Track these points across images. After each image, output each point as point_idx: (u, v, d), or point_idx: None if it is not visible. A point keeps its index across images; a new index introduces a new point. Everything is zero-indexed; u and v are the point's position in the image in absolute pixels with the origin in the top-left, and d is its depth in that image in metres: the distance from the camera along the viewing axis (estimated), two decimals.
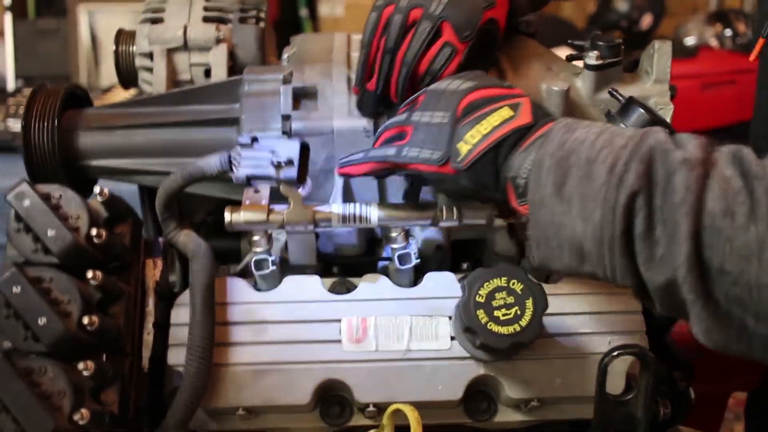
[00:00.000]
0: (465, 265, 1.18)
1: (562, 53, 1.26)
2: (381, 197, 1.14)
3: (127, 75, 1.41)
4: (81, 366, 0.93)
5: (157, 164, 1.21)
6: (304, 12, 4.93)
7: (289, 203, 1.04)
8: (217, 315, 1.03)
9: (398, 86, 1.05)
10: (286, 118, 1.14)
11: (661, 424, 1.09)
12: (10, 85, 4.39)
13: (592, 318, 1.05)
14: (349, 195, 1.14)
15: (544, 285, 0.99)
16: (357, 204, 1.05)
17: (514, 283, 0.96)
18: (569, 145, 0.85)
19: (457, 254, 1.19)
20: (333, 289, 1.09)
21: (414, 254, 1.06)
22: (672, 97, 1.18)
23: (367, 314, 1.04)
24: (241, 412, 1.03)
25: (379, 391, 1.02)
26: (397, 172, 1.00)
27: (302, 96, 1.16)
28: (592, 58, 1.15)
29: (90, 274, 0.97)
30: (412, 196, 1.06)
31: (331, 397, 1.05)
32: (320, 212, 1.04)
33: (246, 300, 1.06)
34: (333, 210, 1.05)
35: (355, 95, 1.13)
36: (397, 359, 1.03)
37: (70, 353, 0.94)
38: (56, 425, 0.90)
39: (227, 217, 1.04)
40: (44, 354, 0.94)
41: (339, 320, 1.04)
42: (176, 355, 1.03)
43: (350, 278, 1.11)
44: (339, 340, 1.04)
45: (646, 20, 4.31)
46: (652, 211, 0.78)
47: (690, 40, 4.14)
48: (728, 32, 4.03)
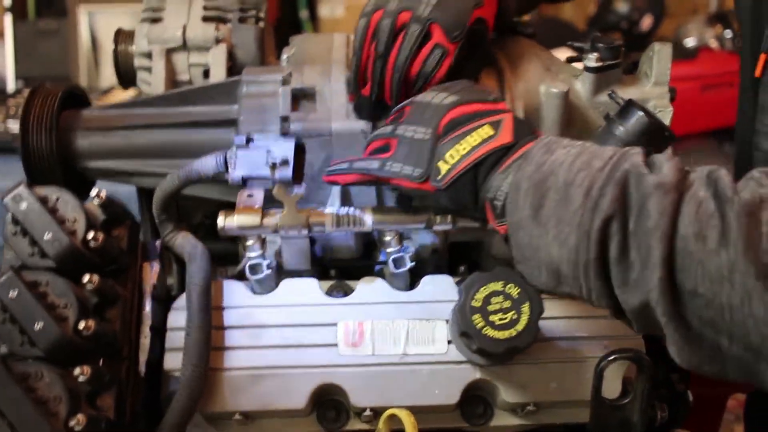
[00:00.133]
0: (462, 268, 1.18)
1: (562, 55, 1.25)
2: (378, 200, 1.14)
3: (126, 75, 1.41)
4: (77, 371, 0.93)
5: (156, 166, 1.20)
6: (304, 13, 4.91)
7: (282, 207, 1.03)
8: (214, 318, 1.03)
9: (392, 91, 1.05)
10: (284, 119, 1.13)
11: (659, 428, 1.08)
12: (10, 85, 4.37)
13: (589, 322, 1.05)
14: (346, 197, 1.14)
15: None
16: (351, 208, 1.05)
17: (510, 288, 0.95)
18: (547, 167, 0.85)
19: (455, 257, 1.19)
20: (330, 292, 1.09)
21: (409, 257, 1.06)
22: (671, 100, 1.18)
23: (363, 318, 1.04)
24: (237, 416, 1.03)
25: (376, 395, 1.02)
26: (381, 185, 1.01)
27: (301, 97, 1.16)
28: (591, 60, 1.15)
29: (86, 278, 0.97)
30: (404, 202, 1.05)
31: (328, 402, 1.05)
32: (314, 216, 1.04)
33: (242, 303, 1.06)
34: (327, 214, 1.04)
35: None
36: (394, 363, 1.03)
37: (66, 358, 0.94)
38: (52, 431, 0.90)
39: (220, 222, 1.04)
40: (40, 359, 0.94)
41: (335, 324, 1.04)
42: (173, 360, 1.02)
43: (347, 281, 1.11)
44: (335, 344, 1.03)
45: (647, 22, 4.30)
46: (626, 236, 0.78)
47: (690, 42, 4.13)
48: (728, 33, 4.01)
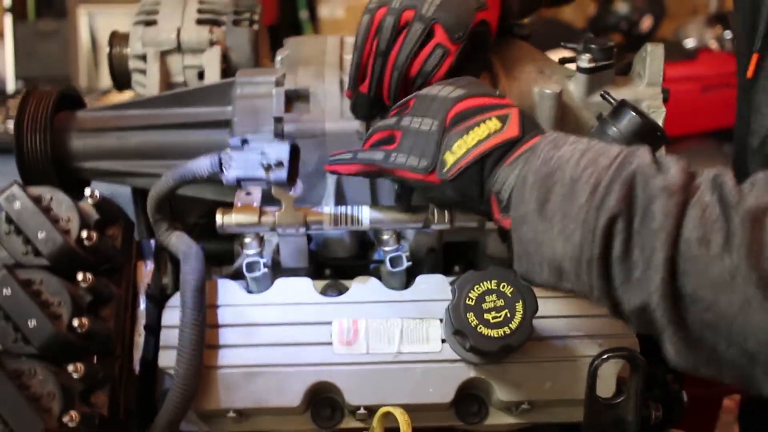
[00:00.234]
0: (457, 268, 1.18)
1: (561, 55, 1.25)
2: (373, 199, 1.14)
3: (121, 77, 1.41)
4: (71, 368, 0.93)
5: (150, 166, 1.21)
6: (304, 14, 4.91)
7: (280, 205, 1.04)
8: (208, 317, 1.03)
9: (390, 89, 1.04)
10: (278, 120, 1.14)
11: (654, 427, 1.08)
12: (10, 86, 4.38)
13: (583, 321, 1.05)
14: (341, 197, 1.14)
15: (535, 288, 0.99)
16: (348, 206, 1.05)
17: (504, 286, 0.96)
18: (554, 162, 0.85)
19: (450, 256, 1.19)
20: (325, 291, 1.09)
21: (406, 257, 1.06)
22: (665, 100, 1.18)
23: (358, 317, 1.04)
24: (231, 414, 1.03)
25: (370, 393, 1.02)
26: (384, 176, 1.00)
27: (295, 98, 1.16)
28: (584, 61, 1.15)
29: (80, 276, 0.97)
30: (404, 200, 1.05)
31: (322, 400, 1.05)
32: (311, 214, 1.04)
33: (237, 302, 1.06)
34: (324, 212, 1.04)
35: (347, 98, 1.12)
36: (388, 362, 1.03)
37: (60, 355, 0.95)
38: (45, 427, 0.90)
39: (219, 220, 1.04)
40: (34, 356, 0.94)
41: (330, 323, 1.04)
42: (167, 358, 1.02)
43: (342, 281, 1.11)
44: (330, 343, 1.03)
45: (646, 22, 4.29)
46: (630, 236, 0.78)
47: (690, 42, 4.13)
48: (728, 34, 4.00)
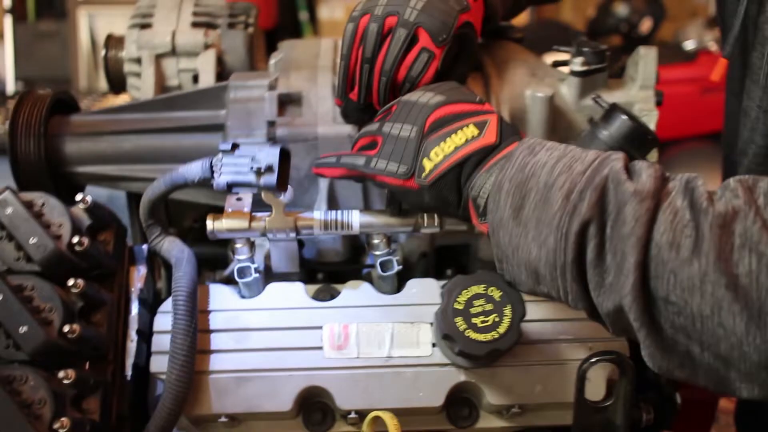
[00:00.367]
0: (449, 271, 1.18)
1: (558, 58, 1.25)
2: (365, 204, 1.15)
3: (116, 80, 1.42)
4: (62, 374, 0.93)
5: (144, 171, 1.21)
6: (304, 15, 4.91)
7: (271, 210, 1.04)
8: (200, 322, 1.03)
9: (379, 95, 1.05)
10: (271, 124, 1.14)
11: (645, 430, 1.08)
12: (10, 87, 4.40)
13: (573, 324, 1.05)
14: (333, 201, 1.14)
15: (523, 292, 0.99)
16: (339, 211, 1.05)
17: (492, 291, 0.96)
18: (529, 169, 0.87)
19: (443, 260, 1.19)
20: (316, 296, 1.09)
21: (396, 261, 1.06)
22: (658, 103, 1.18)
23: (349, 321, 1.04)
24: (223, 419, 1.03)
25: (361, 398, 1.02)
26: (366, 180, 1.01)
27: (287, 102, 1.16)
28: (577, 64, 1.15)
29: (71, 282, 0.97)
30: (394, 204, 1.05)
31: (313, 404, 1.05)
32: (302, 219, 1.04)
33: (229, 307, 1.06)
34: (315, 217, 1.05)
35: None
36: (379, 366, 1.03)
37: (51, 361, 0.95)
38: None
39: (209, 225, 1.04)
40: (25, 362, 0.94)
41: (321, 327, 1.04)
42: (159, 363, 1.03)
43: (334, 285, 1.11)
44: (321, 347, 1.04)
45: (646, 24, 4.29)
46: (603, 240, 0.79)
47: (689, 44, 4.13)
48: None
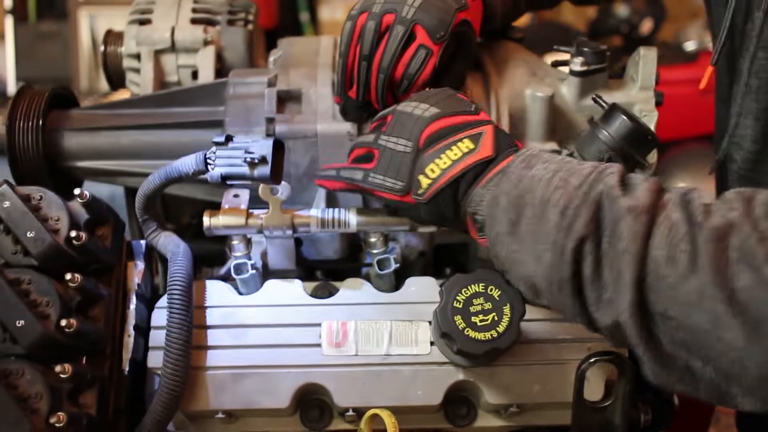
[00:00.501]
0: (448, 270, 1.18)
1: (558, 58, 1.25)
2: (364, 202, 1.14)
3: (115, 76, 1.41)
4: (59, 368, 0.93)
5: (143, 166, 1.20)
6: (304, 16, 4.91)
7: (268, 207, 1.04)
8: (197, 318, 1.03)
9: (377, 92, 1.05)
10: (269, 120, 1.14)
11: (643, 430, 1.08)
12: (11, 88, 4.40)
13: (572, 324, 1.02)
14: (332, 199, 1.14)
15: None
16: (336, 209, 1.05)
17: (491, 290, 0.95)
18: (525, 183, 0.86)
19: (441, 259, 1.19)
20: (315, 293, 1.08)
21: (393, 259, 1.06)
22: (658, 104, 1.18)
23: (347, 318, 1.04)
24: (220, 415, 1.03)
25: (359, 395, 1.02)
26: (365, 194, 1.02)
27: (287, 99, 1.16)
28: (577, 64, 1.15)
29: (69, 276, 0.97)
30: (391, 207, 1.04)
31: (311, 401, 1.05)
32: (299, 217, 1.04)
33: (226, 303, 1.06)
34: (312, 215, 1.04)
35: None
36: (377, 364, 1.03)
37: (48, 355, 0.94)
38: (33, 428, 0.89)
39: (206, 222, 1.04)
40: (22, 356, 0.94)
41: (319, 324, 1.04)
42: (156, 358, 1.02)
43: (332, 282, 1.11)
44: (319, 344, 1.03)
45: (647, 25, 4.29)
46: (599, 257, 0.79)
47: (690, 45, 4.13)
48: None
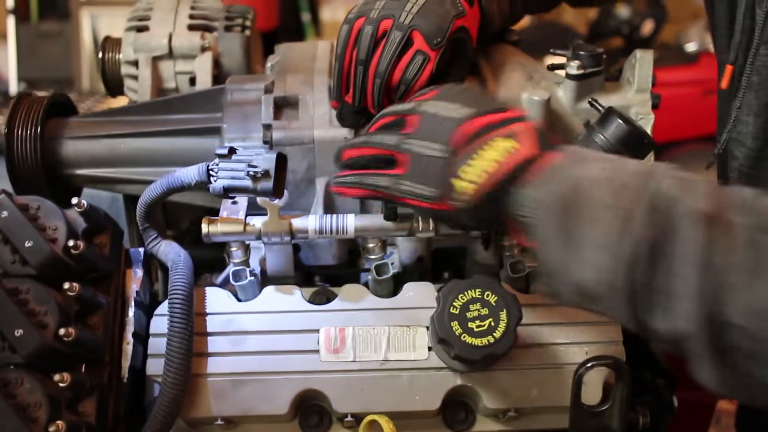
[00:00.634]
0: (446, 274, 1.18)
1: (558, 61, 1.24)
2: (362, 207, 1.14)
3: (113, 83, 1.41)
4: (57, 377, 0.93)
5: (141, 173, 1.21)
6: (306, 17, 4.91)
7: (266, 214, 1.04)
8: (197, 325, 1.03)
9: (374, 97, 1.05)
10: (267, 127, 1.14)
11: None
12: (13, 88, 4.40)
13: (569, 328, 1.05)
14: (329, 205, 1.14)
15: (520, 295, 0.99)
16: (334, 215, 1.05)
17: (488, 295, 0.95)
18: (573, 183, 0.82)
19: (440, 263, 1.19)
20: (313, 299, 1.09)
21: (392, 264, 1.06)
22: (654, 106, 1.18)
23: (345, 324, 1.04)
24: (219, 422, 1.03)
25: (357, 401, 1.02)
26: (392, 203, 0.98)
27: (284, 105, 1.16)
28: (573, 67, 1.15)
29: (67, 285, 0.97)
30: (391, 209, 1.04)
31: (310, 407, 1.05)
32: (297, 223, 1.04)
33: (225, 310, 1.06)
34: (309, 221, 1.05)
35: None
36: (375, 369, 1.03)
37: (47, 364, 0.95)
38: None
39: (204, 228, 1.04)
40: (21, 365, 0.94)
41: (317, 330, 1.04)
42: (156, 365, 1.03)
43: (330, 288, 1.11)
44: (317, 351, 1.04)
45: (648, 26, 4.29)
46: (657, 263, 0.75)
47: (691, 46, 4.14)
48: None
